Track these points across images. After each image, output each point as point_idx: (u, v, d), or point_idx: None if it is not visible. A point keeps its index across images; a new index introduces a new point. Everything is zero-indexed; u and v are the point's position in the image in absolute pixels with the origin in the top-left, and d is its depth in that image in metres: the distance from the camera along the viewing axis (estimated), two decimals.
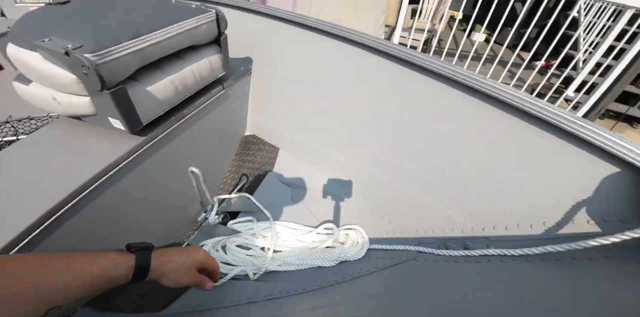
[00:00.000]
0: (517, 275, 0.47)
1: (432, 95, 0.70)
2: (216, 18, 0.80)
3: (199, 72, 0.80)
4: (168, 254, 0.45)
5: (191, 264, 0.47)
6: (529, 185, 0.57)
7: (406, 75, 0.73)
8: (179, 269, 0.46)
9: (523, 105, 0.52)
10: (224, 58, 0.89)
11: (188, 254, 0.48)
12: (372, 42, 0.78)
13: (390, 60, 0.76)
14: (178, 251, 0.48)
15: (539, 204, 0.56)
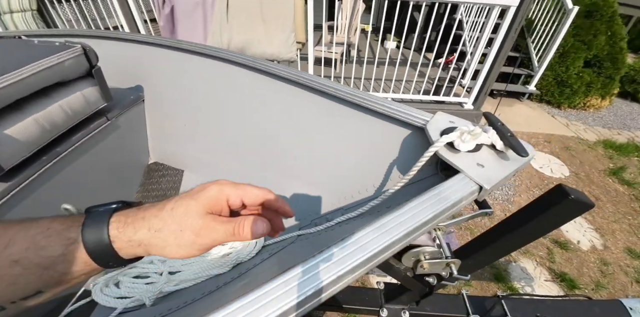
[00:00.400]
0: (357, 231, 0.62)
1: (294, 102, 0.82)
2: (84, 52, 0.82)
3: (70, 107, 0.81)
4: (145, 208, 0.30)
5: (195, 213, 0.29)
6: (360, 160, 0.72)
7: (272, 85, 0.83)
8: (175, 231, 0.28)
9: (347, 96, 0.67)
10: (101, 90, 0.90)
11: (181, 201, 0.30)
12: (242, 59, 0.87)
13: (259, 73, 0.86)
14: (168, 200, 0.31)
15: (368, 172, 0.69)
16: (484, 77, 2.90)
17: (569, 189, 0.56)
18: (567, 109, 3.90)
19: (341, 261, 0.33)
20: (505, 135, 0.45)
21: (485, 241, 0.73)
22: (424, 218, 0.37)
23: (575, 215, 0.58)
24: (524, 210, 0.64)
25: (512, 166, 0.43)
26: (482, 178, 0.41)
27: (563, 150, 3.03)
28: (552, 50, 3.50)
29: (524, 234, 0.65)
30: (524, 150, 0.42)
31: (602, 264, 1.92)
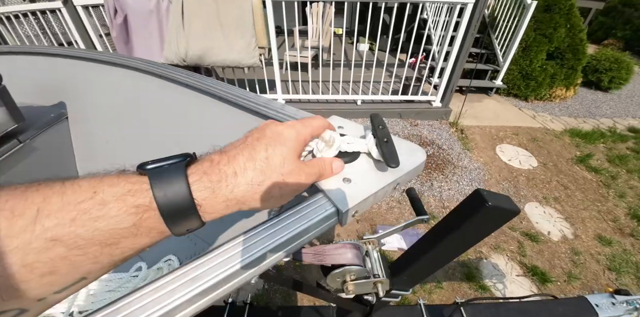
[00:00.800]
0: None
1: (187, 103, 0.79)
2: None
3: None
4: (226, 160, 0.25)
5: (292, 161, 0.28)
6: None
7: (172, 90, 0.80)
8: (279, 183, 0.26)
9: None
10: (8, 110, 0.83)
11: (274, 149, 0.27)
12: (159, 69, 0.83)
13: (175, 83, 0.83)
14: (245, 147, 0.27)
15: None
16: (449, 75, 2.92)
17: (488, 194, 0.51)
18: (534, 101, 3.98)
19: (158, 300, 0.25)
20: (381, 141, 0.39)
21: (415, 255, 0.68)
22: (257, 252, 0.30)
23: (499, 222, 0.53)
24: (448, 219, 0.59)
25: (385, 179, 0.37)
26: (341, 198, 0.34)
27: (530, 142, 3.07)
28: (515, 45, 3.57)
29: (452, 245, 0.59)
30: (393, 159, 0.36)
31: (574, 254, 1.92)
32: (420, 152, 0.41)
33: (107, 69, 0.96)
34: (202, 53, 2.67)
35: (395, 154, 0.37)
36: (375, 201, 0.38)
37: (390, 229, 0.76)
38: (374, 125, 0.41)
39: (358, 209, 0.35)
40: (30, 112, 0.93)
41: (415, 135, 3.00)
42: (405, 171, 0.38)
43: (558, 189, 2.47)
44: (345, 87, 3.23)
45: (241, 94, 0.69)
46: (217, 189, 0.24)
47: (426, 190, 2.35)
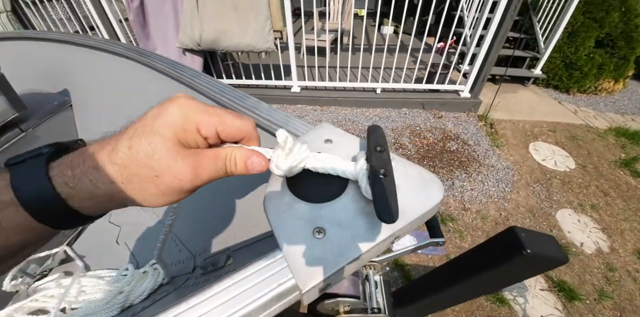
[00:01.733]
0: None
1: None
2: None
3: None
4: (92, 151, 0.22)
5: (165, 152, 0.22)
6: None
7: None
8: (150, 178, 0.22)
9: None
10: (7, 99, 0.80)
11: (140, 138, 0.22)
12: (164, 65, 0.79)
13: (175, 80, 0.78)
14: (119, 135, 0.23)
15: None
16: (481, 62, 2.65)
17: (527, 236, 0.38)
18: (577, 94, 3.59)
19: None
20: (375, 174, 0.25)
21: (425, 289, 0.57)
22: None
23: (539, 271, 0.41)
24: (472, 257, 0.48)
25: (377, 232, 0.24)
26: (304, 265, 0.22)
27: (569, 140, 2.77)
28: (560, 30, 3.18)
29: (473, 287, 0.48)
30: (388, 210, 0.22)
31: (608, 270, 1.72)
32: (436, 187, 0.27)
33: (112, 58, 0.91)
34: (216, 37, 2.56)
35: (393, 199, 0.23)
36: (360, 265, 0.25)
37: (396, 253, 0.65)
38: (370, 146, 0.28)
39: (331, 282, 0.23)
40: (34, 100, 0.90)
41: (439, 128, 2.78)
42: (410, 218, 0.25)
43: (597, 195, 2.22)
44: (365, 73, 3.03)
45: (232, 96, 0.63)
46: (79, 184, 0.21)
47: (446, 189, 2.19)
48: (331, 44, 3.69)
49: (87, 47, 0.93)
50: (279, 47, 2.72)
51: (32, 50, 1.02)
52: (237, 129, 0.25)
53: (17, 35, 1.06)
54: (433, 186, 0.27)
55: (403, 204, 0.24)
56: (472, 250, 0.45)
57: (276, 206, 0.27)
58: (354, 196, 0.27)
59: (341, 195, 0.27)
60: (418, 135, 2.70)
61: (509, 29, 2.55)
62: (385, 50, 2.81)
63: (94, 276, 0.77)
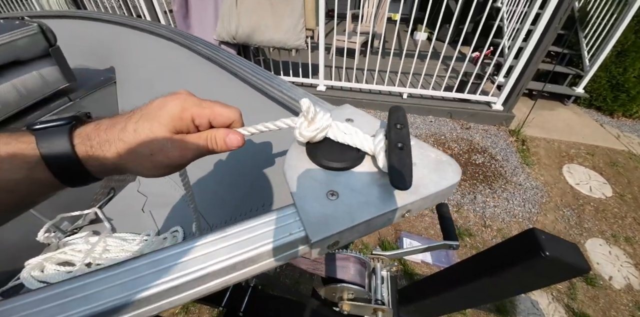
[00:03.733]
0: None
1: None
2: (40, 31, 0.79)
3: (25, 86, 0.79)
4: (106, 127, 0.27)
5: (161, 136, 0.27)
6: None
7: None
8: (147, 156, 0.27)
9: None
10: (61, 70, 0.88)
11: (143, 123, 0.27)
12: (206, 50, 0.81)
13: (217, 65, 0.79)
14: (128, 117, 0.28)
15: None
16: (518, 74, 2.53)
17: (547, 239, 0.35)
18: (621, 118, 3.34)
19: None
20: (393, 145, 0.25)
21: (433, 288, 0.53)
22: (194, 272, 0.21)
23: (557, 278, 0.37)
24: (486, 258, 0.44)
25: (388, 202, 0.24)
26: (316, 219, 0.22)
27: (608, 166, 2.57)
28: (608, 48, 2.98)
29: (484, 290, 0.44)
30: (401, 177, 0.22)
31: (637, 309, 1.56)
32: (453, 168, 0.27)
33: (155, 40, 0.95)
34: (251, 31, 2.61)
35: (407, 169, 0.23)
36: (370, 231, 0.24)
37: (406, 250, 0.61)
38: (390, 123, 0.28)
39: (339, 239, 0.23)
40: (83, 74, 0.99)
41: (465, 139, 2.67)
42: (422, 194, 0.24)
43: (633, 227, 2.03)
44: (393, 78, 2.97)
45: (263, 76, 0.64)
46: (94, 152, 0.26)
47: (467, 203, 2.08)
48: (361, 47, 3.67)
49: (133, 28, 0.99)
50: (309, 46, 2.73)
51: (84, 29, 1.09)
52: (225, 117, 0.30)
53: (72, 14, 1.14)
54: (449, 168, 0.27)
55: (417, 181, 0.25)
56: (487, 250, 0.40)
57: (294, 168, 0.28)
58: (370, 168, 0.28)
59: (357, 166, 0.28)
60: (442, 144, 2.60)
61: (551, 43, 2.41)
62: (416, 55, 2.75)
63: (119, 237, 0.83)
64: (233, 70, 0.71)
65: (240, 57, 0.75)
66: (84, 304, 0.18)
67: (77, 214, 0.92)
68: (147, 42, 0.97)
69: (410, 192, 0.24)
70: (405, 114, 0.30)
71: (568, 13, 2.25)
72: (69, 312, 0.18)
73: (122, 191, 1.04)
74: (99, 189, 1.13)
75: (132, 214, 0.94)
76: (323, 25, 2.66)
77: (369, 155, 0.28)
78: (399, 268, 1.65)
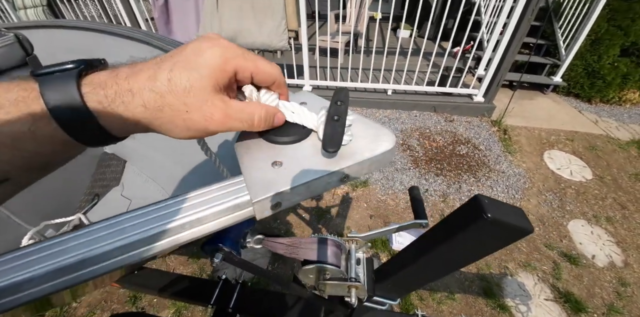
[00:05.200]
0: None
1: None
2: (17, 40, 0.79)
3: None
4: (126, 74, 0.22)
5: (201, 91, 0.23)
6: None
7: None
8: (181, 112, 0.23)
9: None
10: None
11: (180, 72, 0.22)
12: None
13: None
14: (155, 63, 0.23)
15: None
16: (496, 66, 2.60)
17: (490, 203, 0.39)
18: (599, 104, 3.45)
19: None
20: (330, 118, 0.29)
21: (402, 262, 0.57)
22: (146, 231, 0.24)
23: (503, 240, 0.41)
24: (441, 226, 0.48)
25: (326, 167, 0.27)
26: (259, 183, 0.26)
27: (587, 150, 2.66)
28: (582, 37, 3.09)
29: (443, 258, 0.48)
30: (332, 141, 0.26)
31: (620, 285, 1.63)
32: (388, 138, 0.30)
33: (133, 44, 0.97)
34: (233, 34, 2.64)
35: (337, 134, 0.27)
36: (311, 193, 0.28)
37: (379, 230, 0.65)
38: (332, 101, 0.32)
39: (281, 200, 0.26)
40: None
41: (449, 131, 2.74)
42: (356, 160, 0.28)
43: (613, 207, 2.11)
44: (377, 75, 3.03)
45: None
46: (111, 105, 0.21)
47: (453, 192, 2.14)
48: (345, 46, 3.73)
49: (111, 34, 1.00)
50: (293, 47, 2.77)
51: (61, 37, 1.10)
52: (268, 74, 0.27)
53: (48, 23, 1.15)
54: (385, 138, 0.31)
55: (354, 149, 0.29)
56: (442, 219, 0.44)
57: (244, 144, 0.31)
58: (313, 141, 0.31)
59: (304, 140, 0.31)
60: (427, 137, 2.66)
61: (526, 34, 2.50)
62: (398, 52, 2.81)
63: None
64: None
65: None
66: (50, 259, 0.21)
67: (61, 221, 0.91)
68: (126, 47, 0.98)
69: (346, 157, 0.28)
70: (348, 94, 0.34)
71: (541, 5, 2.33)
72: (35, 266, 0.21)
73: (106, 196, 1.06)
74: (83, 196, 1.15)
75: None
76: (305, 26, 2.69)
77: (314, 131, 0.32)
78: (371, 251, 1.70)
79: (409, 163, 2.37)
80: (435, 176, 2.26)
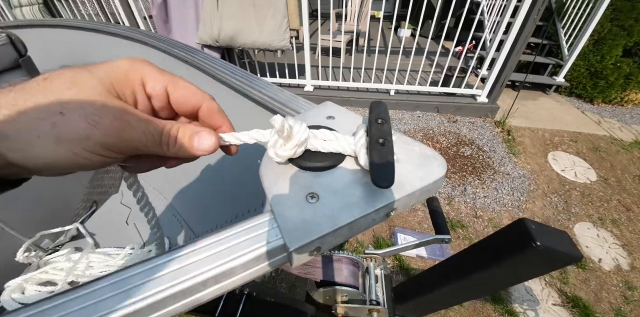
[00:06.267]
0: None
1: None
2: (9, 41, 0.75)
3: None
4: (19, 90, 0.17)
5: (88, 90, 0.17)
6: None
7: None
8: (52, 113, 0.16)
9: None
10: None
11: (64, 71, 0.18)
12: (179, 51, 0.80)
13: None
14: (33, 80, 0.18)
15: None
16: (500, 66, 2.57)
17: (537, 229, 0.35)
18: (601, 104, 3.44)
19: None
20: (374, 142, 0.24)
21: (427, 284, 0.54)
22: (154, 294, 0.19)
23: (549, 268, 0.37)
24: (477, 251, 0.44)
25: (372, 201, 0.23)
26: (295, 225, 0.21)
27: (591, 152, 2.64)
28: (585, 37, 3.06)
29: (477, 283, 0.44)
30: (383, 174, 0.22)
31: (627, 289, 1.62)
32: (438, 162, 0.26)
33: (131, 45, 0.93)
34: (234, 34, 2.59)
35: (389, 165, 0.22)
36: (353, 233, 0.24)
37: (398, 247, 0.62)
38: (371, 119, 0.27)
39: (321, 245, 0.22)
40: None
41: (453, 132, 2.71)
42: (407, 191, 0.23)
43: (618, 210, 2.10)
44: (379, 75, 3.00)
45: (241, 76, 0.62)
46: None
47: (458, 195, 2.12)
48: (347, 45, 3.68)
49: (108, 34, 0.95)
50: (294, 46, 2.73)
51: (57, 37, 1.06)
52: (191, 92, 0.21)
53: (43, 22, 1.11)
54: (434, 163, 0.26)
55: (401, 178, 0.24)
56: (479, 242, 0.41)
57: (271, 170, 0.26)
58: (352, 166, 0.27)
59: (338, 165, 0.27)
60: (431, 139, 2.63)
61: (531, 34, 2.47)
62: (401, 52, 2.78)
63: (102, 252, 0.80)
64: (212, 73, 0.70)
65: (219, 59, 0.74)
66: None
67: (57, 230, 0.87)
68: (123, 47, 0.94)
69: (394, 189, 0.23)
70: (387, 109, 0.29)
71: (546, 4, 2.30)
72: None
73: (104, 204, 1.01)
74: (80, 204, 1.11)
75: (115, 227, 0.91)
76: (307, 25, 2.65)
77: (349, 156, 0.27)
78: (393, 264, 1.67)
79: None
80: None
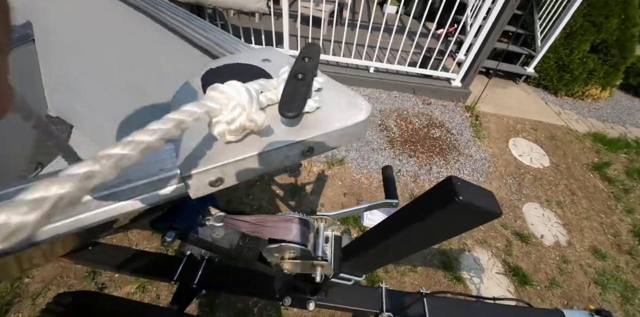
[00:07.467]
0: None
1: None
2: None
3: None
4: None
5: None
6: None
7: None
8: None
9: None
10: None
11: None
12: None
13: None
14: None
15: None
16: (476, 52, 2.60)
17: (463, 185, 0.35)
18: (564, 97, 3.64)
19: None
20: (292, 76, 0.23)
21: (371, 241, 0.54)
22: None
23: (473, 222, 0.39)
24: (412, 206, 0.45)
25: (283, 137, 0.22)
26: (193, 154, 0.20)
27: (548, 140, 2.82)
28: (558, 29, 3.16)
29: (412, 237, 0.45)
30: (290, 104, 0.21)
31: (562, 262, 1.79)
32: (362, 107, 0.26)
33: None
34: None
35: (298, 95, 0.21)
36: (264, 168, 0.22)
37: (348, 209, 0.62)
38: (298, 57, 0.26)
39: (223, 176, 0.20)
40: None
41: (425, 114, 2.76)
42: (323, 130, 0.23)
43: (564, 193, 2.29)
44: (360, 51, 2.93)
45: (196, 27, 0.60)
46: None
47: (423, 173, 2.19)
48: (329, 17, 3.54)
49: None
50: (272, 11, 2.56)
51: None
52: None
53: None
54: (359, 108, 0.26)
55: (321, 118, 0.24)
56: (414, 199, 0.42)
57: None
58: (274, 107, 0.25)
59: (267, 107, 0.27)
60: (405, 119, 2.66)
61: (508, 22, 2.50)
62: (383, 29, 2.71)
63: None
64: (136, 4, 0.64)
65: (168, 3, 0.68)
66: None
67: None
68: None
69: (310, 127, 0.22)
70: (319, 50, 0.27)
71: None
72: None
73: (50, 165, 0.93)
74: (24, 165, 1.00)
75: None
76: None
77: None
78: (343, 228, 1.72)
79: (384, 143, 2.37)
80: (408, 157, 2.28)
